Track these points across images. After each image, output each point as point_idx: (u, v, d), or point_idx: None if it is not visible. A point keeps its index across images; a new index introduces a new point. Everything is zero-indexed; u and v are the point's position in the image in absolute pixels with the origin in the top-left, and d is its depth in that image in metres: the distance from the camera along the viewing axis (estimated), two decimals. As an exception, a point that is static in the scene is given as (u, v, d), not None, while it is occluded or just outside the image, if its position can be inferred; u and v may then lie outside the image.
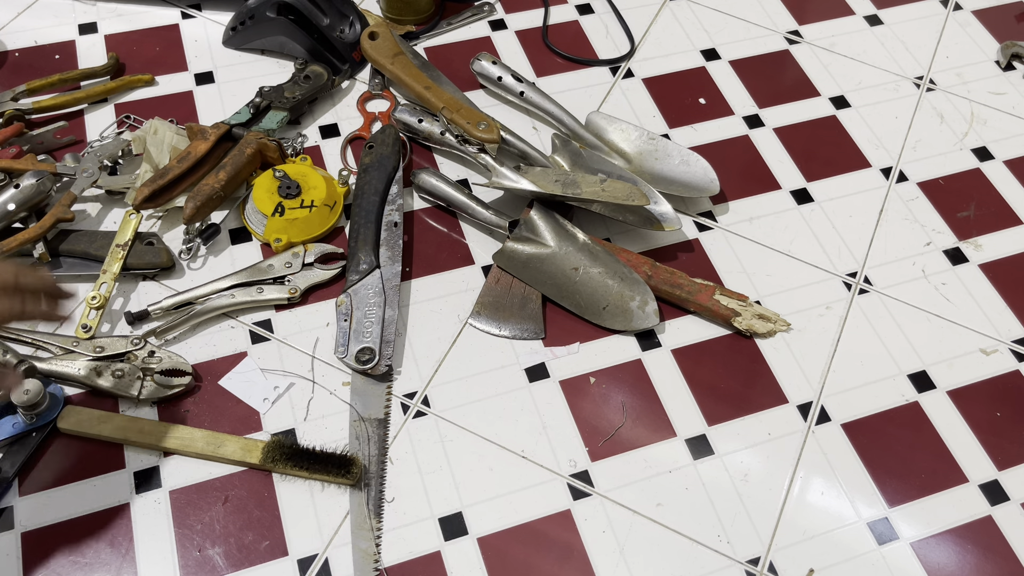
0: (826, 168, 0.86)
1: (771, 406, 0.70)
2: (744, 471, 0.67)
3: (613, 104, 0.90)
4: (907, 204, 0.84)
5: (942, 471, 0.68)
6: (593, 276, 0.74)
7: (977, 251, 0.81)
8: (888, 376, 0.73)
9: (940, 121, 0.91)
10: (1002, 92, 0.94)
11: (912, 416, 0.70)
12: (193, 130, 0.79)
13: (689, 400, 0.70)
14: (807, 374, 0.72)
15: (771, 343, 0.74)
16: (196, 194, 0.75)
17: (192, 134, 0.79)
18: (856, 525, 0.65)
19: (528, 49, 0.95)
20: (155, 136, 0.79)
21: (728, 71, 0.94)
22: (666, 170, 0.82)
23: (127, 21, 0.94)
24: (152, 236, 0.74)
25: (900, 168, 0.87)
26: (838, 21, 1.00)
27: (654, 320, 0.72)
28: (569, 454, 0.67)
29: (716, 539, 0.64)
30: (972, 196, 0.85)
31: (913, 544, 0.64)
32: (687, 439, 0.68)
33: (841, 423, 0.70)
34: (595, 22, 0.98)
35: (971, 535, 0.65)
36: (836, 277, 0.78)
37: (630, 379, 0.71)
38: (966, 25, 1.00)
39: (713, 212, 0.82)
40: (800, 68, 0.95)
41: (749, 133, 0.89)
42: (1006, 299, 0.78)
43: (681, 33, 0.97)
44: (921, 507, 0.66)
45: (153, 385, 0.67)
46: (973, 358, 0.74)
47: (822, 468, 0.67)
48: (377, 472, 0.65)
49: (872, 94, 0.93)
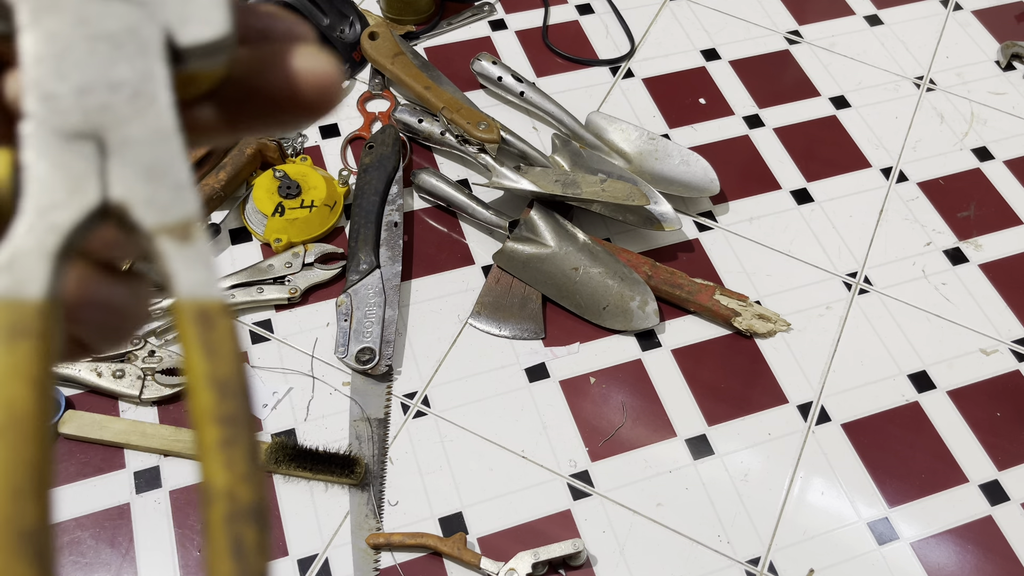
0: (826, 168, 0.86)
1: (771, 406, 0.70)
2: (744, 471, 0.67)
3: (613, 104, 0.90)
4: (907, 204, 0.84)
5: (942, 471, 0.68)
6: (593, 276, 0.74)
7: (977, 251, 0.81)
8: (888, 376, 0.73)
9: (940, 121, 0.91)
10: (1002, 92, 0.94)
11: (912, 416, 0.70)
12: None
13: (689, 400, 0.70)
14: (807, 374, 0.72)
15: (771, 343, 0.74)
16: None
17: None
18: (856, 525, 0.65)
19: (528, 49, 0.95)
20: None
21: (728, 71, 0.94)
22: (666, 170, 0.82)
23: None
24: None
25: (900, 168, 0.87)
26: (838, 21, 1.00)
27: (654, 320, 0.73)
28: (569, 454, 0.67)
29: (716, 539, 0.64)
30: (972, 196, 0.85)
31: (913, 544, 0.64)
32: (687, 439, 0.68)
33: (841, 423, 0.70)
34: (595, 22, 0.98)
35: (971, 535, 0.65)
36: (836, 277, 0.79)
37: (630, 379, 0.71)
38: (966, 25, 1.00)
39: (713, 212, 0.82)
40: (800, 68, 0.95)
41: (749, 133, 0.89)
42: (1006, 299, 0.78)
43: (681, 33, 0.97)
44: (921, 507, 0.66)
45: (154, 385, 0.67)
46: (973, 358, 0.74)
47: (822, 468, 0.67)
48: (377, 472, 0.65)
49: (872, 94, 0.93)
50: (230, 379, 0.14)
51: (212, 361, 0.14)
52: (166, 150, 0.15)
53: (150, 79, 0.15)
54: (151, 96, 0.15)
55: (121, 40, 0.15)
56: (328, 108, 0.17)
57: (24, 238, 0.14)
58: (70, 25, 0.15)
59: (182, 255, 0.15)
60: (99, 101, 0.15)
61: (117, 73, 0.15)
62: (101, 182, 0.15)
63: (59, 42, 0.15)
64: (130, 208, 0.15)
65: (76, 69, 0.15)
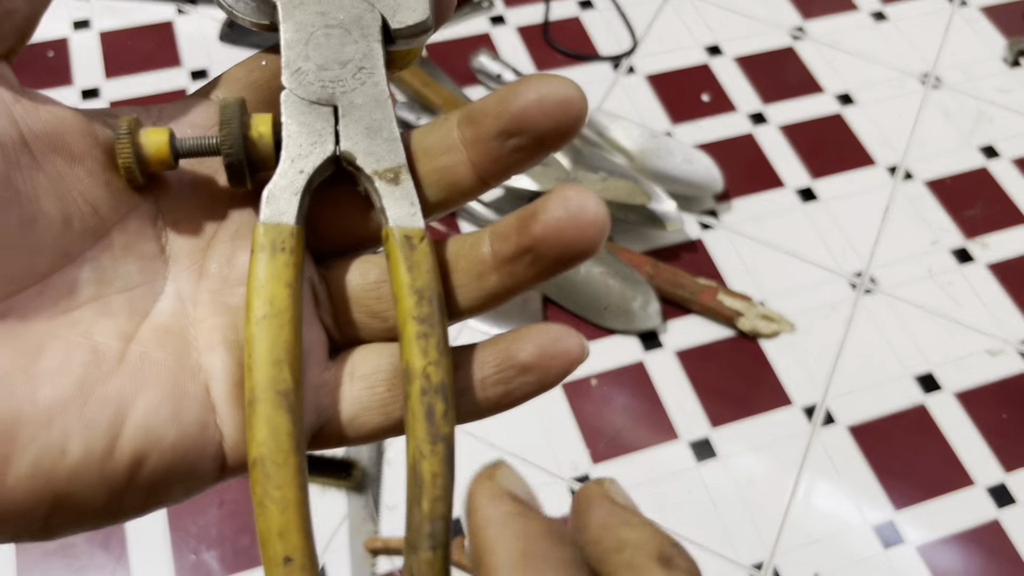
0: (830, 166, 0.85)
1: (775, 408, 0.69)
2: (748, 474, 0.66)
3: (615, 101, 0.89)
4: (913, 202, 0.83)
5: (948, 473, 0.67)
6: (594, 276, 0.73)
7: (984, 250, 0.80)
8: (894, 377, 0.72)
9: (946, 118, 0.90)
10: (1009, 89, 0.93)
11: (918, 418, 0.70)
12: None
13: (692, 402, 0.69)
14: (812, 375, 0.71)
15: (775, 344, 0.73)
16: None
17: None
18: (861, 528, 0.64)
19: (528, 45, 0.94)
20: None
21: (731, 67, 0.93)
22: (669, 168, 0.81)
23: (121, 17, 0.93)
24: None
25: (906, 166, 0.86)
26: (843, 17, 0.99)
27: (656, 321, 0.72)
28: (570, 457, 0.66)
29: (719, 543, 0.63)
30: (979, 194, 0.84)
31: (919, 547, 0.63)
32: (690, 442, 0.67)
33: (846, 425, 0.69)
34: (596, 17, 0.97)
35: (977, 538, 0.64)
36: (841, 277, 0.78)
37: (632, 381, 0.70)
38: (972, 21, 0.99)
39: (716, 211, 0.81)
40: (804, 65, 0.94)
41: (753, 130, 0.88)
42: (1014, 299, 0.77)
43: (684, 29, 0.96)
44: (927, 510, 0.65)
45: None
46: (979, 359, 0.73)
47: (827, 471, 0.66)
48: (375, 475, 0.64)
49: (877, 91, 0.92)
50: (426, 288, 0.19)
51: (412, 274, 0.19)
52: (381, 113, 0.20)
53: (370, 56, 0.20)
54: (370, 70, 0.20)
55: (349, 26, 0.20)
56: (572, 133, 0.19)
57: (280, 178, 0.19)
58: (313, 15, 0.20)
59: (392, 193, 0.19)
60: (333, 75, 0.20)
61: (346, 53, 0.20)
62: (335, 137, 0.20)
63: (305, 30, 0.20)
64: (355, 157, 0.19)
65: (316, 51, 0.20)
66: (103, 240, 0.19)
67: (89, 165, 0.19)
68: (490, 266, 0.20)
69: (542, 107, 0.18)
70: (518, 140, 0.19)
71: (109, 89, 0.86)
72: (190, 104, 0.20)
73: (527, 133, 0.19)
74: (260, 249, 0.18)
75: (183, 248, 0.20)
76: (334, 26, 0.20)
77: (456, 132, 0.20)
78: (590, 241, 0.19)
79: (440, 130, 0.20)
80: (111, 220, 0.19)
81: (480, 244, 0.20)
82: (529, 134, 0.19)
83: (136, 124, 0.19)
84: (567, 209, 0.18)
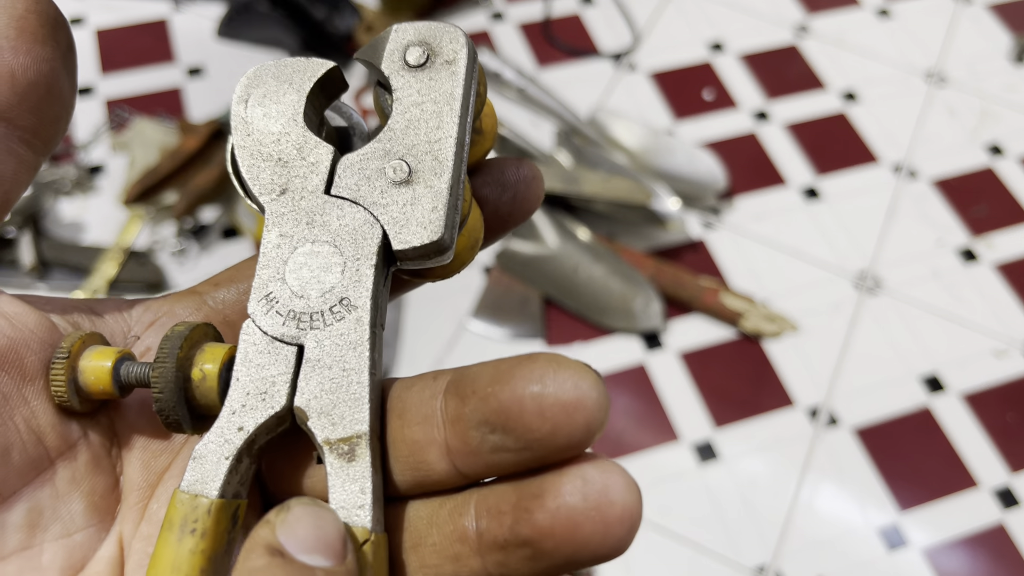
0: (834, 164, 0.85)
1: (778, 409, 0.69)
2: (750, 475, 0.65)
3: (616, 99, 0.88)
4: (917, 202, 0.82)
5: (953, 475, 0.66)
6: (595, 275, 0.73)
7: (989, 249, 0.79)
8: (897, 378, 0.71)
9: (951, 116, 0.89)
10: (1015, 87, 0.92)
11: (922, 419, 0.69)
12: (183, 127, 0.77)
13: (694, 403, 0.69)
14: (815, 376, 0.71)
15: (778, 345, 0.72)
16: (188, 190, 0.73)
17: (182, 131, 0.77)
18: (865, 531, 0.63)
19: (529, 42, 0.93)
20: (142, 137, 0.77)
21: (734, 65, 0.92)
22: (671, 166, 0.80)
23: (117, 14, 0.92)
24: (144, 254, 0.73)
25: (910, 165, 0.85)
26: (847, 14, 0.98)
27: (658, 321, 0.71)
28: (571, 459, 0.65)
29: (721, 545, 0.62)
30: (984, 193, 0.83)
31: (923, 550, 0.63)
32: (692, 443, 0.67)
33: (850, 426, 0.68)
34: (597, 14, 0.96)
35: (982, 540, 0.63)
36: (844, 277, 0.77)
37: (633, 381, 0.70)
38: (977, 19, 0.98)
39: (719, 209, 0.81)
40: (808, 62, 0.93)
41: (755, 128, 0.87)
42: (1020, 299, 0.76)
43: (686, 25, 0.95)
44: (931, 512, 0.64)
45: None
46: (984, 360, 0.72)
47: (830, 472, 0.66)
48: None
49: (881, 89, 0.91)
50: None
51: None
52: (353, 360, 0.16)
53: (357, 285, 0.16)
54: (352, 304, 0.16)
55: (341, 242, 0.16)
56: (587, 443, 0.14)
57: (214, 436, 0.16)
58: (302, 227, 0.17)
59: (342, 473, 0.16)
60: (306, 305, 0.16)
61: (329, 278, 0.16)
62: (291, 387, 0.16)
63: (288, 242, 0.17)
64: (307, 418, 0.16)
65: (295, 272, 0.16)
66: (45, 474, 0.16)
67: (41, 384, 0.16)
68: (472, 547, 0.15)
69: (539, 405, 0.14)
70: (500, 439, 0.14)
71: (104, 86, 0.85)
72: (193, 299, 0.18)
73: (513, 434, 0.14)
74: (168, 527, 0.15)
75: (134, 482, 0.17)
76: (323, 241, 0.16)
77: (440, 401, 0.16)
78: (616, 541, 0.14)
79: (424, 391, 0.16)
80: (58, 450, 0.16)
81: (462, 513, 0.15)
82: (515, 435, 0.14)
83: (83, 345, 0.16)
84: (586, 496, 0.14)
